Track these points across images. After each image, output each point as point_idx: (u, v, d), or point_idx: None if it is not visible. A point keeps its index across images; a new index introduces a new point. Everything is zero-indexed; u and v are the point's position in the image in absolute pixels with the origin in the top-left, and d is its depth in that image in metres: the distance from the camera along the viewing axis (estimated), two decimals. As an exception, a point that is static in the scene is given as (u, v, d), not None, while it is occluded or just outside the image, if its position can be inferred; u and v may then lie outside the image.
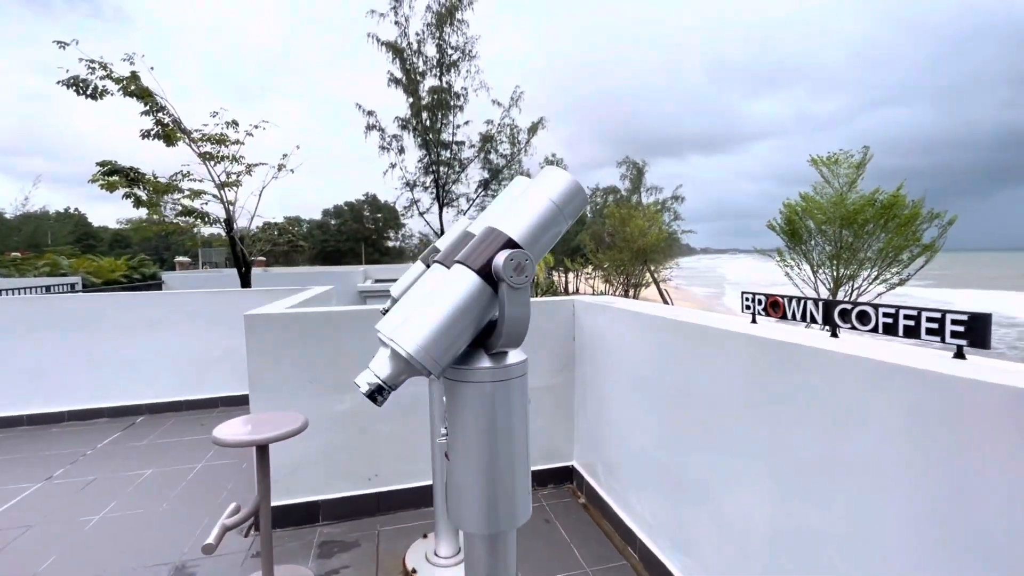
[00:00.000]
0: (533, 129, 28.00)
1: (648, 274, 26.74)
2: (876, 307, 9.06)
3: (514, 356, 1.03)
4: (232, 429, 2.08)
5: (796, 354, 1.51)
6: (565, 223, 1.03)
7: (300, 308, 2.92)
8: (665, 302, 25.60)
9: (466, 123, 26.04)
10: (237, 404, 4.97)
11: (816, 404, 1.42)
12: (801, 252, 16.47)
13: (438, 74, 24.88)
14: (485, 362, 1.00)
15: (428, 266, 2.22)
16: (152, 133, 7.37)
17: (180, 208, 7.88)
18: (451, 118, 26.06)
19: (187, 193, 7.77)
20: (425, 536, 2.61)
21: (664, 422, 2.17)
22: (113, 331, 4.73)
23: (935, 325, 7.97)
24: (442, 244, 2.26)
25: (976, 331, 7.68)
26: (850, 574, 1.32)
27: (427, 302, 0.96)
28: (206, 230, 9.01)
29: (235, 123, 7.83)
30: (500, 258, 0.92)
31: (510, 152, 27.96)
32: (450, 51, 24.69)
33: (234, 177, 7.85)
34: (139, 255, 14.62)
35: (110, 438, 4.17)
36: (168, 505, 3.01)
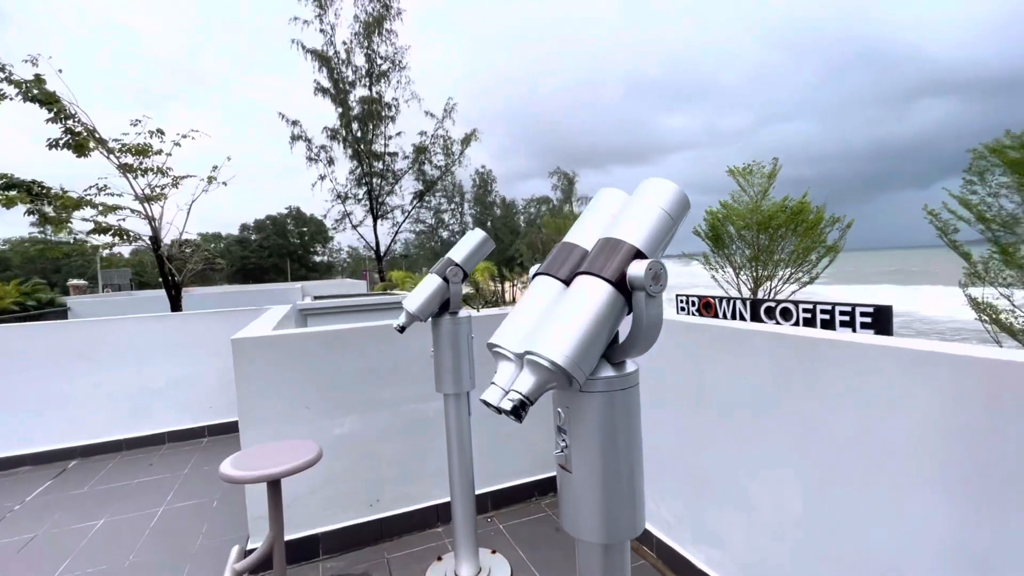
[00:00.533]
0: (467, 140, 28.09)
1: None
2: (796, 303, 9.99)
3: (630, 365, 1.05)
4: (243, 463, 1.91)
5: (821, 348, 1.65)
6: (675, 230, 1.07)
7: (285, 331, 2.74)
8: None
9: (398, 134, 25.66)
10: (187, 439, 4.53)
11: (849, 393, 1.56)
12: (724, 256, 17.73)
13: (368, 84, 24.33)
14: (609, 371, 1.01)
15: (445, 279, 2.19)
16: (61, 143, 6.59)
17: (94, 225, 7.07)
18: (383, 129, 25.54)
19: (101, 209, 7.00)
20: (440, 559, 2.53)
21: (683, 422, 2.27)
22: (28, 367, 4.15)
23: (847, 317, 8.94)
24: (459, 256, 2.23)
25: (880, 321, 8.69)
26: (888, 551, 1.45)
27: (563, 313, 0.96)
28: (118, 249, 8.14)
29: (160, 132, 7.20)
30: (638, 268, 0.94)
31: (444, 163, 27.83)
32: (379, 61, 24.27)
33: (159, 190, 7.19)
34: (32, 279, 12.93)
35: (40, 488, 3.64)
36: (137, 557, 2.68)
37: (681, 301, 12.75)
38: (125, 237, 7.29)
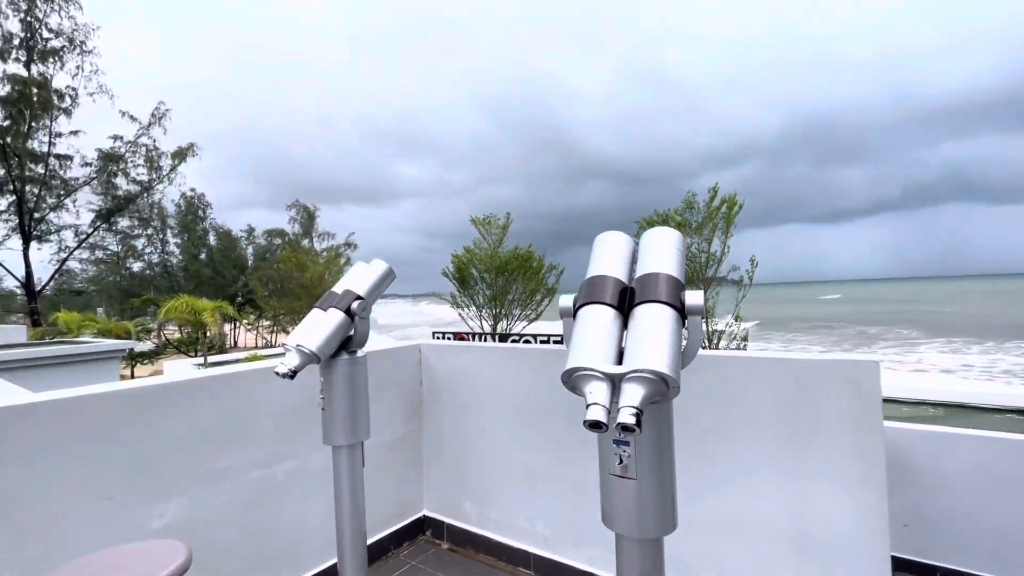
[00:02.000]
0: (181, 155, 23.44)
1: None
2: (535, 336, 11.85)
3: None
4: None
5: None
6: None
7: (60, 393, 1.91)
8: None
9: (74, 133, 19.57)
10: None
11: (707, 390, 2.10)
12: (469, 295, 19.49)
13: (25, 59, 17.92)
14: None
15: (350, 314, 1.96)
16: None
17: None
18: (48, 122, 19.02)
19: None
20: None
21: (562, 440, 2.54)
22: None
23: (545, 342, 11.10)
24: (362, 288, 2.03)
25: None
26: (737, 504, 2.01)
27: (650, 334, 1.10)
28: None
29: None
30: (697, 299, 1.17)
31: (148, 178, 22.38)
32: (47, 33, 18.31)
33: None
34: None
35: None
36: None
37: (438, 336, 13.45)
38: None
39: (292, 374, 1.84)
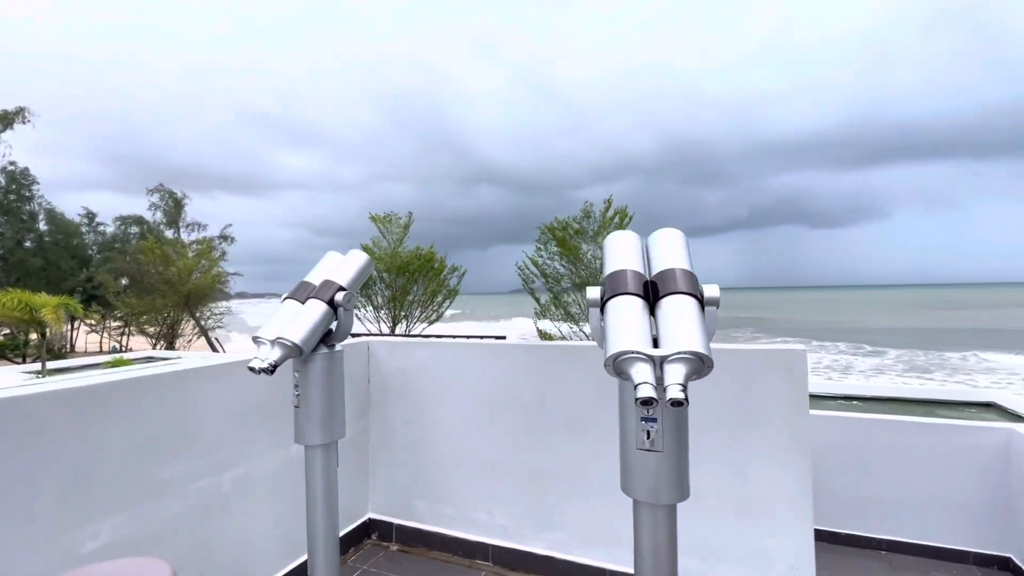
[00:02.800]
0: (7, 120, 19.28)
1: (194, 321, 23.07)
2: (441, 338, 11.74)
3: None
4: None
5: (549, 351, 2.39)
6: None
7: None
8: (215, 351, 22.79)
9: None
10: None
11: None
12: (367, 296, 18.72)
13: None
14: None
15: (333, 305, 1.88)
16: None
17: None
18: None
19: None
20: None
21: (519, 431, 2.63)
22: None
23: None
24: (344, 278, 1.96)
25: None
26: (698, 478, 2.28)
27: (683, 319, 1.24)
28: None
29: None
30: (715, 291, 1.34)
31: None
32: None
33: None
34: None
35: None
36: None
37: None
38: None
39: (272, 369, 1.72)
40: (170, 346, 21.21)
